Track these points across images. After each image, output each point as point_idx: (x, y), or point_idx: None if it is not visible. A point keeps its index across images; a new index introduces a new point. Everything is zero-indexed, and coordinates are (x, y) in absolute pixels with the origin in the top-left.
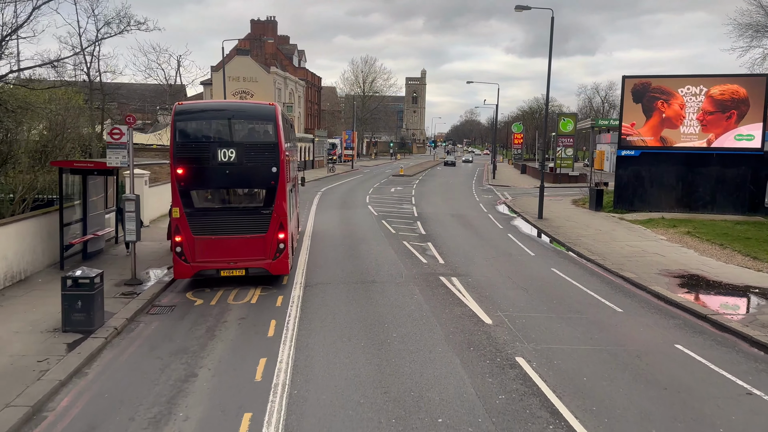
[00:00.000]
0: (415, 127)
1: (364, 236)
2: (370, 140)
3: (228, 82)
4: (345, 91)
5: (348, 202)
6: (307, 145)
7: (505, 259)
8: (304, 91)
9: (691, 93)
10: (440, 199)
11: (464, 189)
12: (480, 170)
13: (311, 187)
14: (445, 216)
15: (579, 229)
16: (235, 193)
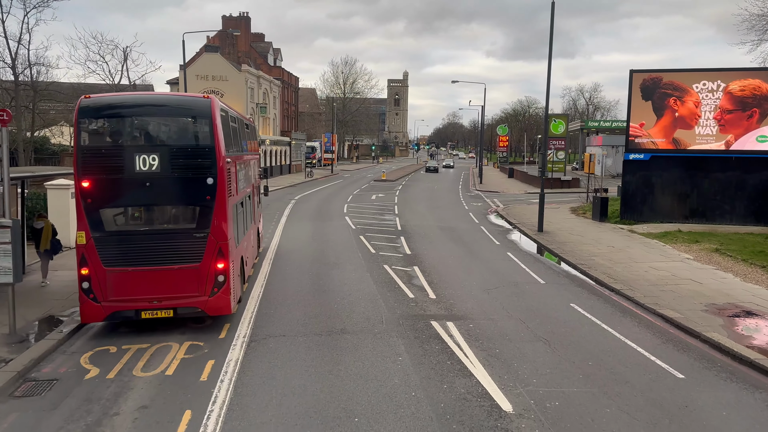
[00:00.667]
0: (398, 129)
1: (338, 258)
2: (352, 143)
3: (196, 81)
4: (325, 92)
5: (323, 212)
6: (283, 149)
7: (510, 289)
8: (279, 91)
9: (707, 89)
10: (426, 207)
11: (451, 196)
12: (465, 174)
13: (284, 195)
14: (432, 229)
15: (588, 245)
16: (158, 211)
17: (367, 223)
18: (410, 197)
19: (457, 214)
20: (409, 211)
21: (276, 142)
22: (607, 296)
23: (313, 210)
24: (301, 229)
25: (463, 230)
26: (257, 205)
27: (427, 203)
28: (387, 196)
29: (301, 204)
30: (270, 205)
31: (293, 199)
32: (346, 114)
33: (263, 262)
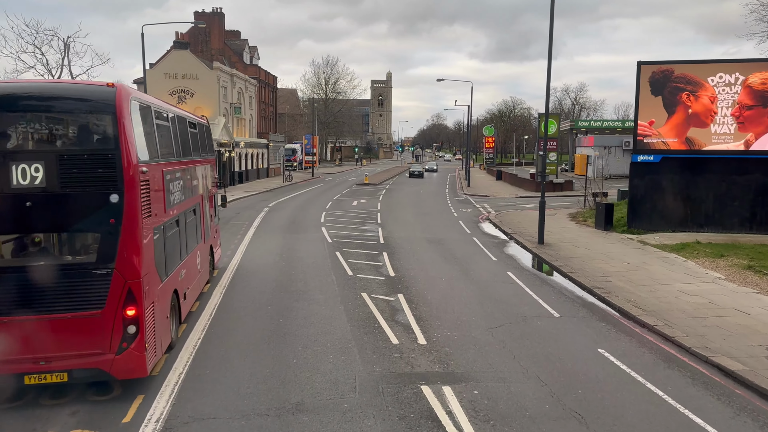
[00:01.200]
0: (382, 131)
1: (307, 283)
2: (335, 145)
3: (164, 80)
4: (306, 93)
5: (298, 221)
6: (260, 152)
7: (520, 328)
8: (255, 91)
9: (724, 82)
10: (411, 215)
11: (438, 201)
12: (452, 176)
13: (257, 202)
14: (419, 242)
15: (598, 261)
16: (43, 240)
17: (346, 235)
18: (394, 203)
19: (446, 223)
20: (393, 219)
21: (252, 144)
22: (639, 335)
23: (286, 219)
24: (270, 243)
25: (453, 242)
26: (210, 219)
27: (412, 210)
28: (369, 202)
29: (274, 212)
30: (239, 214)
31: (267, 206)
32: (328, 115)
33: (214, 290)
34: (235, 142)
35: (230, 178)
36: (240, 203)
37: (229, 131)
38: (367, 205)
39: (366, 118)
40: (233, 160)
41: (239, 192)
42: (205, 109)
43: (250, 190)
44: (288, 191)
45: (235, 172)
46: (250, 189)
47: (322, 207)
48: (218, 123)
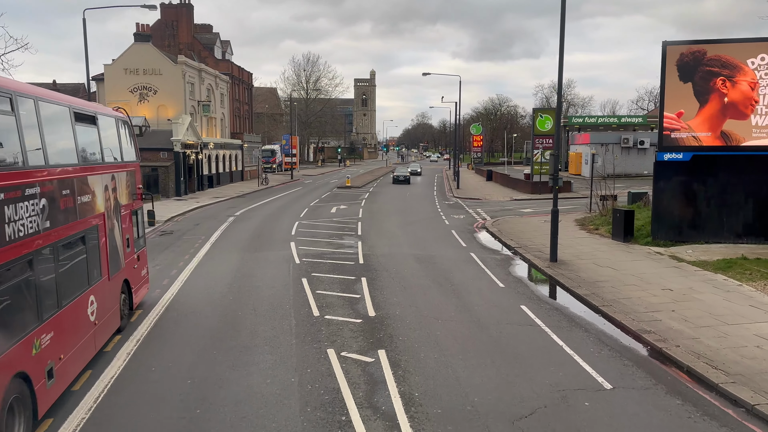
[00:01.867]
0: (366, 131)
1: (255, 333)
2: (317, 146)
3: (124, 76)
4: (287, 92)
5: (264, 235)
6: (233, 153)
7: (561, 417)
8: (228, 87)
9: (766, 64)
10: (397, 224)
11: (426, 205)
12: (439, 177)
13: (224, 209)
14: (406, 261)
15: (632, 286)
16: None
17: (319, 252)
18: (378, 209)
19: (437, 234)
20: (376, 230)
21: (224, 145)
22: (739, 423)
23: (251, 232)
24: (222, 266)
25: (448, 261)
26: (123, 245)
27: (398, 218)
28: (350, 209)
29: (239, 223)
30: (198, 226)
31: (233, 215)
32: (310, 115)
33: (123, 347)
34: (203, 143)
35: (198, 182)
36: (202, 212)
37: (195, 131)
38: (348, 212)
39: (349, 118)
40: (201, 163)
41: (206, 198)
42: (169, 108)
43: (219, 195)
44: (262, 196)
45: (203, 176)
46: (219, 194)
47: (295, 215)
48: (182, 122)
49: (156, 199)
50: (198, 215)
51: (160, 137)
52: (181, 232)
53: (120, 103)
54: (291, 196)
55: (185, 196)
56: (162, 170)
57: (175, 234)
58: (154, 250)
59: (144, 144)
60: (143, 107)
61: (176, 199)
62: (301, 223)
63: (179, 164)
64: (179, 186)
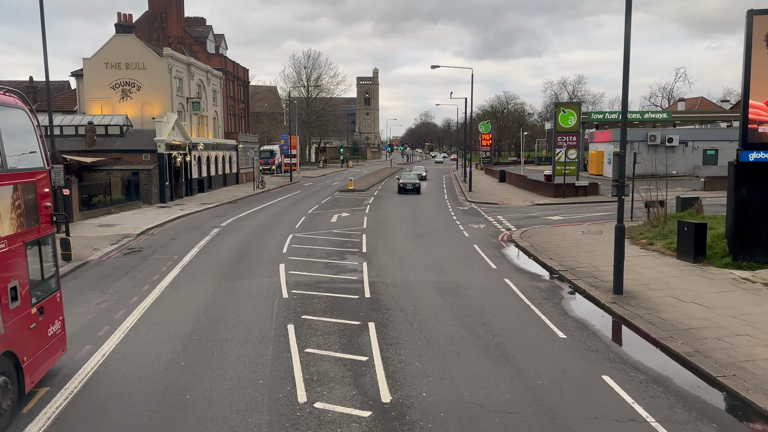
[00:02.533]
0: (369, 130)
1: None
2: (319, 146)
3: (105, 71)
4: (287, 90)
5: (249, 253)
6: (227, 155)
7: None
8: (221, 84)
9: None
10: (408, 237)
11: (439, 212)
12: (447, 178)
13: (209, 219)
14: (426, 294)
15: (745, 339)
16: None
17: (314, 280)
18: (385, 217)
19: (458, 250)
20: (385, 245)
21: (216, 146)
22: None
23: (234, 250)
24: (186, 304)
25: (479, 293)
26: (8, 297)
27: (408, 228)
28: (353, 217)
29: (223, 237)
30: (173, 241)
31: (217, 226)
32: (311, 114)
33: None
34: (191, 143)
35: (186, 187)
36: (184, 222)
37: (183, 130)
38: (350, 221)
39: (352, 117)
40: (190, 166)
41: (193, 205)
42: (154, 105)
43: (208, 201)
44: (256, 202)
45: (192, 180)
46: (209, 200)
47: (290, 226)
48: (167, 120)
49: (136, 207)
50: (178, 226)
51: (143, 138)
52: (152, 249)
53: (101, 101)
54: (288, 202)
55: (170, 202)
56: (144, 174)
57: (143, 252)
58: (109, 277)
59: (125, 145)
60: (126, 105)
61: (159, 207)
62: (296, 237)
63: (163, 167)
64: (163, 191)
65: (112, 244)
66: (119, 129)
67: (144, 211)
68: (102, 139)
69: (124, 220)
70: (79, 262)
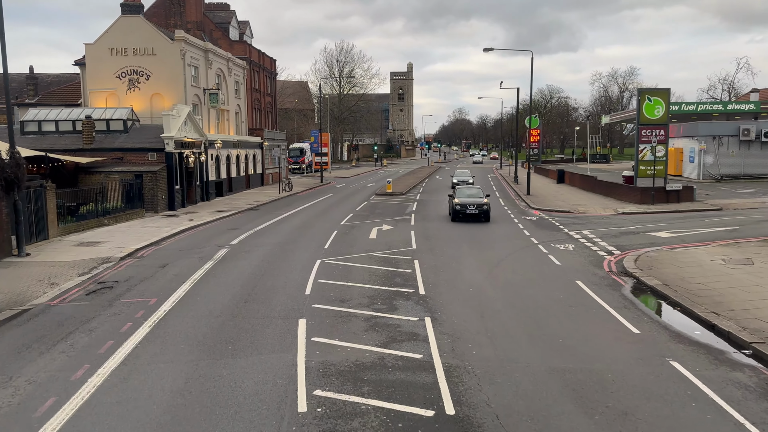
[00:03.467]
0: (403, 127)
1: None
2: (351, 143)
3: (110, 58)
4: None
5: (257, 296)
6: (251, 153)
7: None
8: (245, 75)
9: None
10: (477, 267)
11: (504, 225)
12: (494, 178)
13: (219, 234)
14: (550, 401)
15: None
16: None
17: (351, 362)
18: (437, 231)
19: (558, 292)
20: (449, 282)
21: (238, 143)
22: None
23: (237, 289)
24: (127, 425)
25: (648, 399)
26: None
27: (471, 249)
28: (397, 231)
29: (227, 265)
30: (164, 270)
31: (227, 244)
32: (343, 110)
33: None
34: (207, 140)
35: (202, 191)
36: (188, 239)
37: (197, 126)
38: (394, 237)
39: (385, 114)
40: (206, 166)
41: (206, 213)
42: (165, 97)
43: (225, 208)
44: (280, 208)
45: (209, 183)
46: (226, 206)
47: (317, 245)
48: (177, 114)
49: (136, 216)
50: (178, 244)
51: (151, 134)
52: (128, 284)
53: (105, 92)
54: (317, 208)
55: (180, 210)
56: (148, 177)
57: (114, 290)
58: (37, 343)
59: (128, 143)
60: (133, 96)
61: (165, 215)
62: (325, 265)
63: (172, 168)
64: (172, 197)
65: (80, 275)
66: (122, 124)
67: (145, 221)
68: (102, 136)
69: (114, 235)
70: (16, 310)
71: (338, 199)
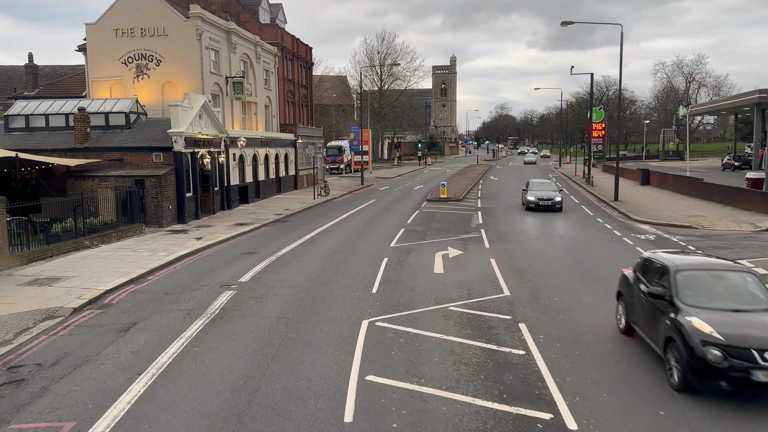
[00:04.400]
0: (445, 123)
1: None
2: (392, 141)
3: (114, 40)
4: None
5: (255, 413)
6: (283, 152)
7: None
8: (276, 63)
9: None
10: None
11: (614, 247)
12: (558, 178)
13: (232, 260)
14: None
15: None
16: None
17: None
18: (530, 259)
19: None
20: (608, 379)
21: (267, 141)
22: None
23: (226, 395)
24: None
25: None
26: None
27: (596, 295)
28: (470, 259)
29: (224, 327)
30: (123, 339)
31: (234, 283)
32: (384, 105)
33: None
34: (229, 137)
35: (222, 198)
36: (184, 270)
37: (215, 120)
38: (471, 273)
39: (427, 110)
40: (227, 168)
41: (222, 227)
42: (179, 86)
43: (247, 219)
44: (313, 219)
45: (230, 188)
46: (249, 217)
47: (362, 288)
48: (189, 105)
49: (132, 233)
50: (166, 282)
51: (158, 130)
52: (50, 376)
53: (110, 81)
54: (358, 220)
55: (193, 222)
56: (151, 183)
57: (12, 396)
58: None
59: (128, 141)
60: (142, 86)
61: (171, 231)
62: (375, 332)
63: (182, 172)
64: (182, 207)
65: None
66: (124, 118)
67: (141, 241)
68: (100, 133)
69: (88, 265)
70: None
71: (383, 207)
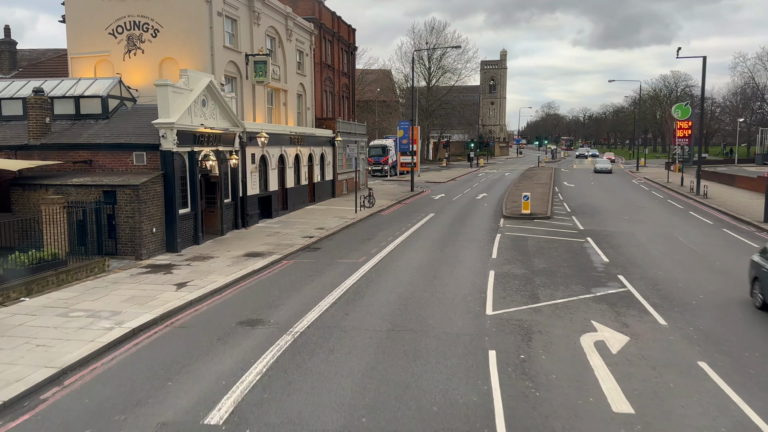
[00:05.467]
0: (494, 122)
1: None
2: (439, 140)
3: (101, 4)
4: (403, 71)
5: None
6: (319, 152)
7: None
8: (312, 43)
9: None
10: None
11: None
12: (642, 184)
13: (220, 334)
14: None
15: None
16: None
17: None
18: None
19: None
20: None
21: (297, 138)
22: None
23: None
24: None
25: None
26: None
27: None
28: (648, 351)
29: None
30: None
31: (213, 408)
32: (432, 101)
33: None
34: (246, 132)
35: (235, 213)
36: (140, 357)
37: (226, 108)
38: (675, 399)
39: (475, 107)
40: (243, 173)
41: (226, 260)
42: (181, 63)
43: (266, 245)
44: (353, 246)
45: (246, 199)
46: (269, 241)
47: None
48: (186, 86)
49: (87, 273)
50: (99, 395)
51: (145, 121)
52: None
53: (94, 57)
54: (418, 250)
55: (189, 248)
56: (125, 196)
57: None
58: None
59: (100, 136)
60: (135, 64)
61: (147, 269)
62: None
63: (173, 179)
64: (173, 228)
65: None
66: (100, 104)
67: (92, 288)
68: (66, 124)
69: None
70: None
71: (447, 226)
